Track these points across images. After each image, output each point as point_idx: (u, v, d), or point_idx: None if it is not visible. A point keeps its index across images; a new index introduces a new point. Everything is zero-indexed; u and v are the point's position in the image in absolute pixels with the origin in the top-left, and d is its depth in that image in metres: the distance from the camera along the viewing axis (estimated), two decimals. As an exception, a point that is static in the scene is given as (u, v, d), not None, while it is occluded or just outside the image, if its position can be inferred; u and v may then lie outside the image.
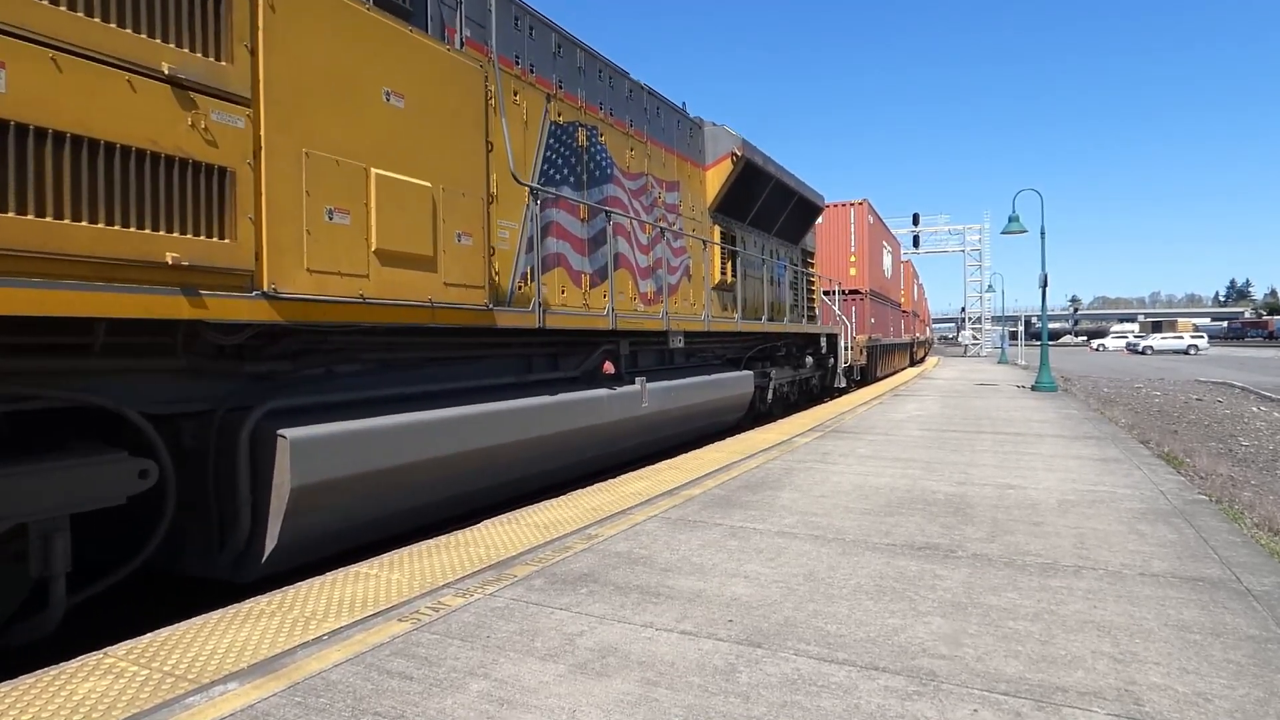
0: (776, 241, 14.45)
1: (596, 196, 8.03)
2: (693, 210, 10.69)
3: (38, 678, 2.73)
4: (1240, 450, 12.08)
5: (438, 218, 5.15)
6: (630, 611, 3.43)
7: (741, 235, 12.48)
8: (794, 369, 14.91)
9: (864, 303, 21.96)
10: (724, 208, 11.58)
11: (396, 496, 5.13)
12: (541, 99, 7.13)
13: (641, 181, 9.17)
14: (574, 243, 7.53)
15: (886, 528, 4.89)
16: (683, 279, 10.09)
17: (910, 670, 2.79)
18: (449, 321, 5.31)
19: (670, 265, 9.70)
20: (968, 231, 56.62)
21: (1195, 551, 4.30)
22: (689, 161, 10.69)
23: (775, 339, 13.81)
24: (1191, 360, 48.23)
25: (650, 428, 8.71)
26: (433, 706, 2.53)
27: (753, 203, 12.47)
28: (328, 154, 4.36)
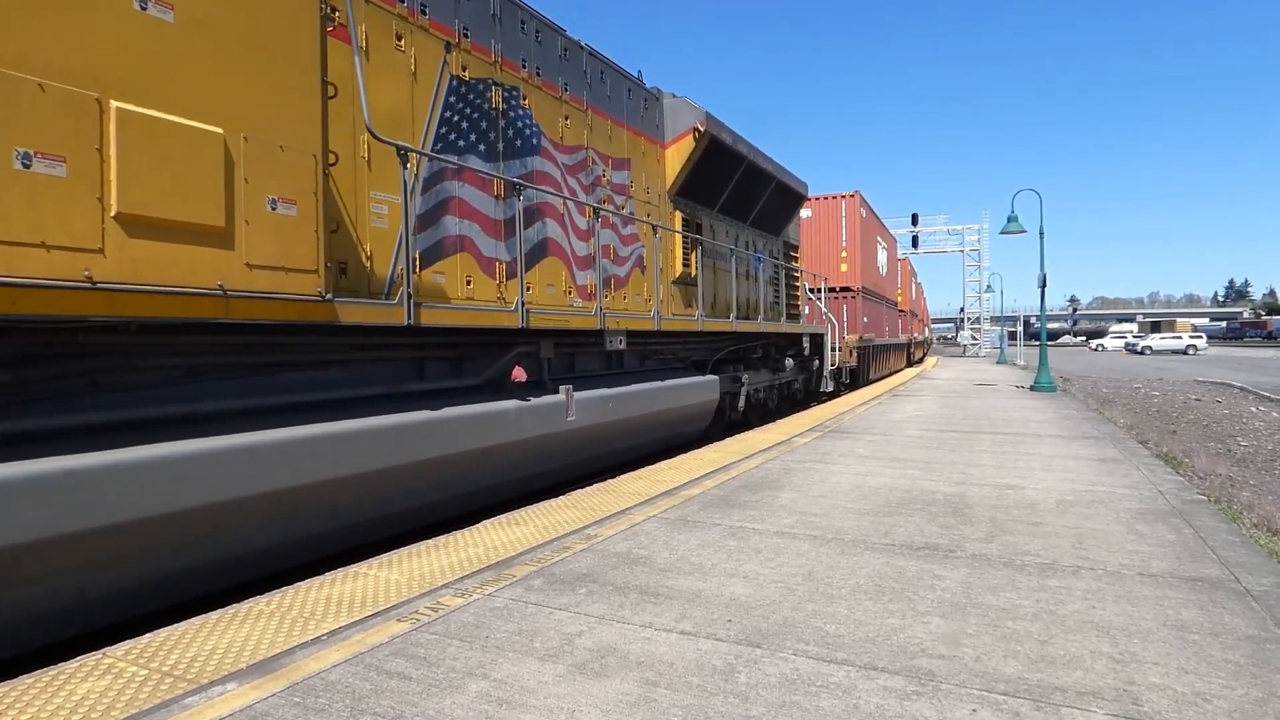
0: (753, 232, 13.23)
1: (518, 170, 6.84)
2: (648, 193, 9.41)
3: (37, 678, 2.73)
4: (1239, 450, 12.08)
5: (235, 176, 3.90)
6: (629, 612, 3.43)
7: (710, 223, 11.29)
8: (772, 372, 13.68)
9: (856, 301, 20.79)
10: (687, 191, 10.32)
11: (152, 556, 3.87)
12: (438, 47, 5.92)
13: (579, 156, 7.95)
14: (484, 224, 6.33)
15: (885, 528, 4.89)
16: (634, 270, 8.88)
17: (909, 670, 2.79)
18: (254, 316, 4.05)
19: (617, 254, 8.55)
20: (966, 232, 56.71)
21: (1194, 551, 4.31)
22: (644, 137, 9.38)
23: (749, 339, 12.48)
24: (1190, 360, 48.27)
25: (581, 444, 7.47)
26: (431, 706, 2.52)
27: (721, 187, 11.25)
28: (19, 73, 3.17)
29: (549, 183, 7.36)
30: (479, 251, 6.31)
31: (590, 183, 8.15)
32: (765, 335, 13.03)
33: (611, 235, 8.46)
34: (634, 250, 8.94)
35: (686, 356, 10.77)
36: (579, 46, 8.06)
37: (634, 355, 9.24)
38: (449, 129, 6.07)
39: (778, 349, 14.11)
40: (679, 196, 10.20)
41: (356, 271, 5.07)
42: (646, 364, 9.63)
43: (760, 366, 13.11)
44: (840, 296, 20.32)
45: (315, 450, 4.59)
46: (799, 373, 15.30)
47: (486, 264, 6.40)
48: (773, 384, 13.81)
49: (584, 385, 7.56)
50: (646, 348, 9.50)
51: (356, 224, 5.11)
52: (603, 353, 8.46)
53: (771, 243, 14.30)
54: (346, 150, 5.02)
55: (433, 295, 5.70)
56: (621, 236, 8.71)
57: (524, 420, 6.49)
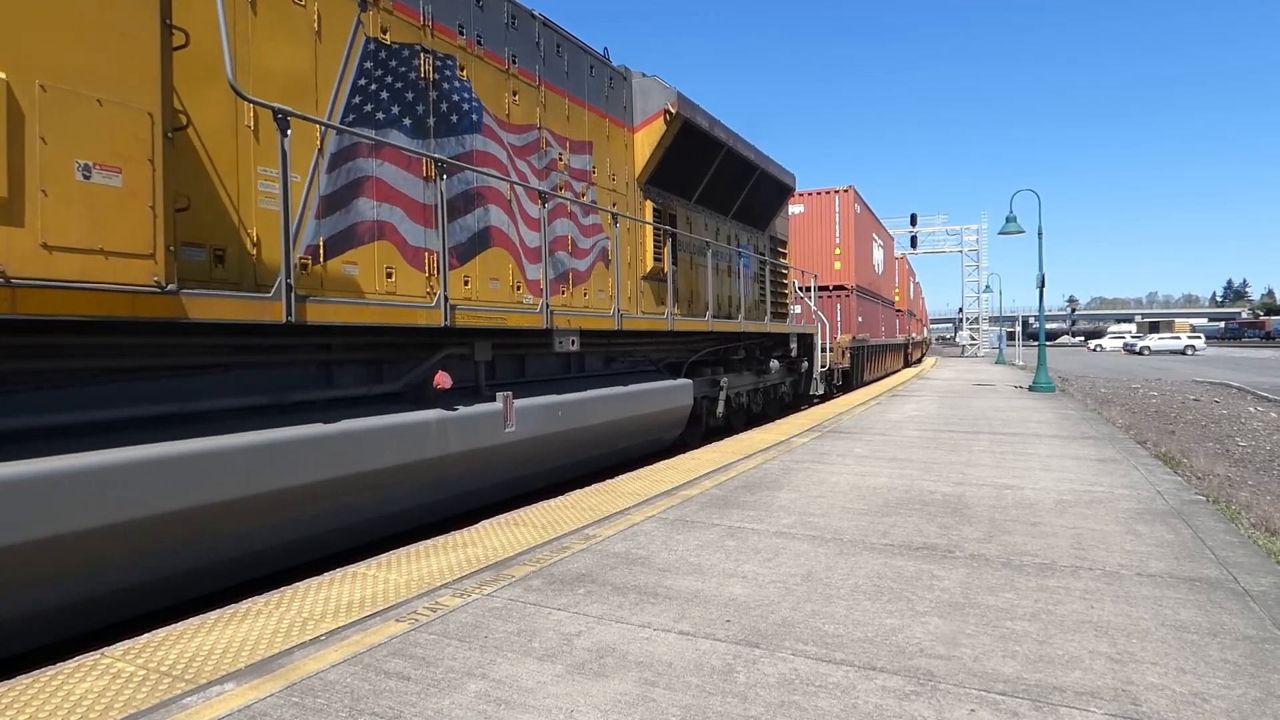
0: (736, 226, 12.46)
1: (453, 150, 6.11)
2: (613, 180, 8.63)
3: (35, 677, 2.73)
4: (1237, 450, 12.10)
5: (26, 133, 3.10)
6: (628, 612, 3.43)
7: (686, 215, 10.50)
8: (756, 375, 12.87)
9: (850, 300, 19.95)
10: (659, 179, 9.54)
11: None
12: (350, 6, 5.25)
13: (531, 137, 7.16)
14: (411, 209, 5.59)
15: (884, 528, 4.89)
16: (596, 264, 8.08)
17: (908, 670, 2.79)
18: (54, 311, 3.21)
19: (577, 247, 7.80)
20: (965, 232, 56.74)
21: (1192, 552, 4.31)
22: (608, 119, 8.58)
23: (730, 340, 11.69)
24: (1188, 360, 48.31)
25: (525, 458, 6.64)
26: (430, 707, 2.52)
27: (698, 176, 10.48)
28: None
29: (493, 165, 6.54)
30: (403, 240, 5.52)
31: (544, 167, 7.34)
32: (747, 335, 12.17)
33: (569, 225, 7.68)
34: (596, 242, 8.14)
35: (660, 359, 9.94)
36: (530, 15, 7.21)
37: (598, 357, 8.55)
38: (365, 99, 5.33)
39: (763, 350, 13.38)
40: (650, 185, 9.44)
41: (238, 260, 4.34)
42: (613, 367, 8.88)
43: (743, 369, 12.36)
44: (833, 295, 19.72)
45: (111, 482, 3.53)
46: (786, 375, 14.58)
47: (413, 254, 5.60)
48: (757, 387, 13.06)
49: (532, 391, 6.82)
50: (612, 349, 8.75)
51: (239, 203, 4.36)
52: (561, 356, 7.81)
53: (757, 237, 13.59)
54: (223, 116, 4.28)
55: (342, 288, 4.97)
56: (582, 227, 7.91)
57: (448, 433, 5.61)
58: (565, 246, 7.63)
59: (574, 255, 7.79)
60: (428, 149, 5.79)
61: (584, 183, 8.08)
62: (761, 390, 13.31)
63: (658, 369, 9.63)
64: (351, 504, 4.95)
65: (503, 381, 6.89)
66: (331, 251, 4.97)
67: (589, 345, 7.87)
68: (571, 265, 7.74)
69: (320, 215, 4.88)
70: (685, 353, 10.57)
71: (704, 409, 10.69)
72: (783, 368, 14.15)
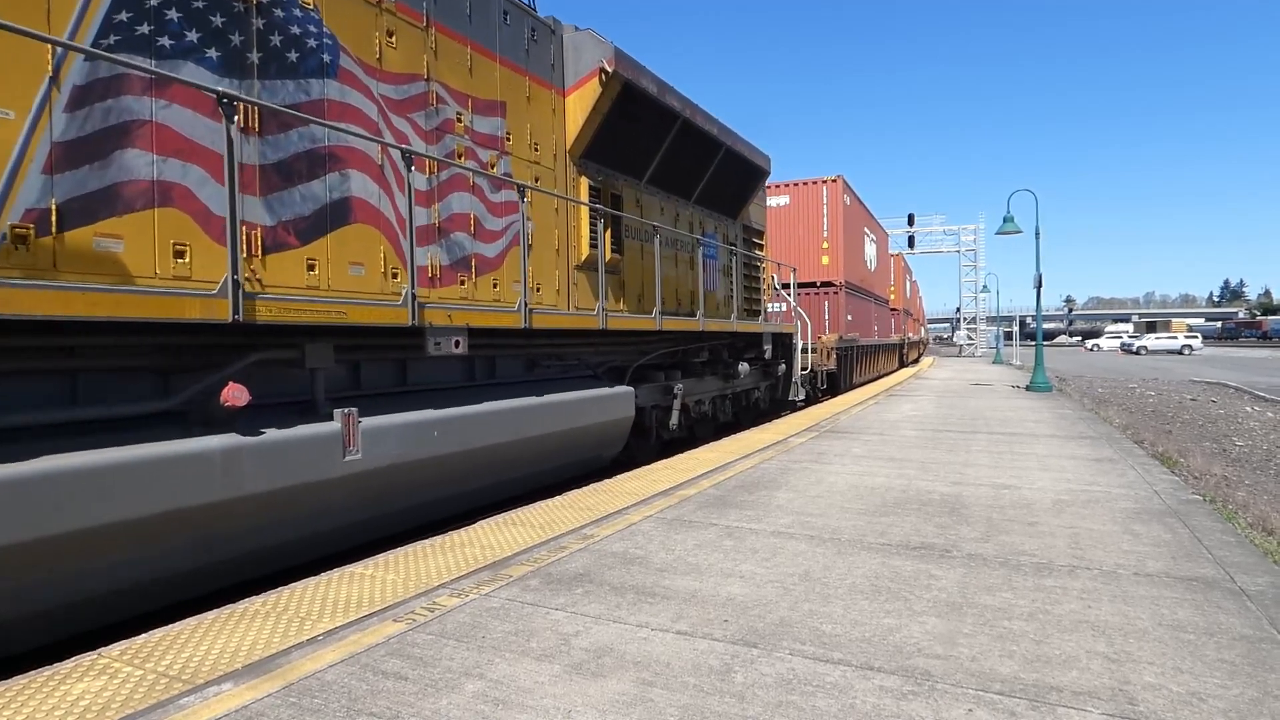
0: (701, 213, 11.08)
1: (290, 96, 4.77)
2: (536, 151, 7.28)
3: (32, 678, 2.72)
4: (1234, 450, 12.12)
5: None
6: (626, 612, 3.43)
7: (637, 197, 9.15)
8: (722, 380, 11.51)
9: (838, 297, 18.76)
10: (598, 153, 8.16)
11: None
12: None
13: (415, 90, 5.82)
14: (211, 165, 4.22)
15: (882, 528, 4.90)
16: (509, 249, 6.69)
17: (905, 670, 2.79)
18: None
19: (482, 227, 6.43)
20: (963, 232, 56.83)
21: (1190, 551, 4.32)
22: (530, 78, 7.23)
23: (690, 340, 10.37)
24: (1186, 360, 48.40)
25: (379, 495, 5.21)
26: (428, 707, 2.52)
27: (649, 151, 9.07)
28: None
29: (355, 120, 5.23)
30: (205, 209, 4.21)
31: (435, 128, 6.00)
32: (711, 335, 10.83)
33: (472, 202, 6.32)
34: (512, 224, 6.72)
35: (601, 362, 8.57)
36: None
37: (516, 361, 7.35)
38: (137, 15, 3.95)
39: (733, 352, 12.07)
40: (587, 160, 8.07)
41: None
42: (537, 372, 7.61)
43: (706, 373, 11.05)
44: (820, 292, 18.68)
45: None
46: (761, 379, 13.34)
47: (215, 226, 4.22)
48: (724, 393, 11.73)
49: (407, 405, 5.51)
50: (534, 351, 7.52)
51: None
52: (462, 361, 6.56)
53: (727, 226, 12.20)
54: None
55: (92, 268, 3.70)
56: (491, 205, 6.53)
57: (242, 466, 4.19)
58: (465, 227, 6.22)
59: (479, 238, 6.37)
60: (250, 92, 4.46)
61: (493, 151, 6.67)
62: (730, 397, 12.06)
63: (596, 375, 8.31)
64: (64, 577, 3.54)
65: (369, 393, 5.58)
66: (75, 219, 3.66)
67: (503, 347, 6.95)
68: (475, 250, 6.33)
69: (54, 169, 3.58)
70: (634, 355, 9.16)
71: (654, 420, 9.35)
72: (757, 371, 12.98)
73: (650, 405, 9.15)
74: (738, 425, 12.09)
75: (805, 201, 19.04)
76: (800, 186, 19.14)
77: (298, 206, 4.80)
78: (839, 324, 18.67)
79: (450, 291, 6.04)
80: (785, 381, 14.16)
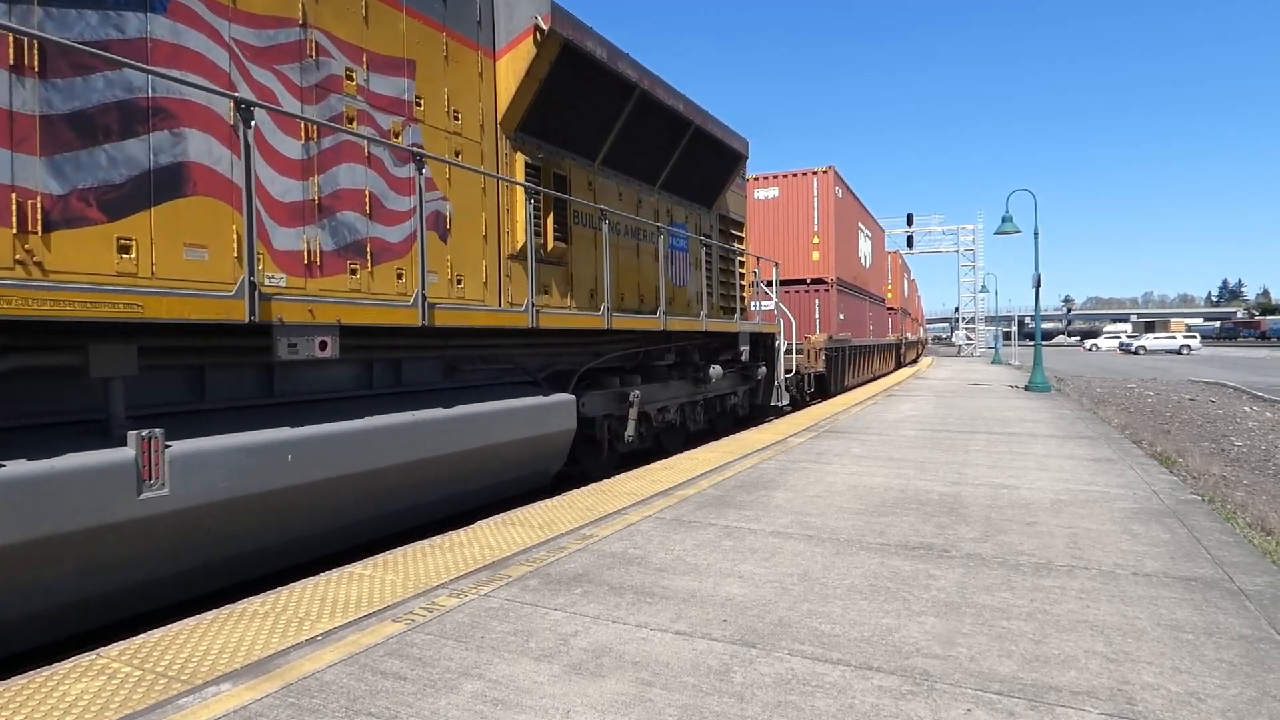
0: (668, 200, 9.95)
1: (98, 31, 3.78)
2: (457, 120, 6.18)
3: (30, 678, 2.72)
4: (1233, 450, 12.13)
5: None
6: (625, 612, 3.42)
7: (589, 179, 8.09)
8: (693, 384, 10.36)
9: (829, 294, 17.79)
10: (538, 126, 7.05)
11: None
12: None
13: (286, 37, 4.81)
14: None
15: (880, 527, 4.90)
16: (421, 234, 5.41)
17: (904, 670, 2.80)
18: None
19: (382, 206, 5.38)
20: (961, 232, 56.93)
21: (1188, 551, 4.32)
22: (450, 34, 6.15)
23: (653, 341, 9.21)
24: (1184, 360, 48.45)
25: (202, 539, 4.09)
26: (426, 707, 2.52)
27: (602, 126, 7.98)
28: None
29: (194, 67, 4.23)
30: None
31: (314, 84, 4.98)
32: (680, 335, 9.74)
33: (368, 176, 5.29)
34: (414, 204, 5.53)
35: (542, 366, 7.45)
36: None
37: (430, 366, 6.17)
38: None
39: (706, 353, 11.01)
40: (524, 134, 6.95)
41: None
42: (457, 378, 6.40)
43: (674, 377, 9.88)
44: (810, 290, 17.80)
45: None
46: (739, 383, 12.25)
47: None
48: (694, 399, 10.52)
49: (254, 423, 4.40)
50: (453, 353, 6.36)
51: None
52: (356, 367, 5.51)
53: (700, 216, 11.13)
54: None
55: None
56: (394, 180, 5.51)
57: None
58: (358, 205, 5.20)
59: (377, 219, 5.35)
60: (27, 22, 3.49)
61: (398, 117, 5.61)
62: (702, 403, 10.91)
63: (536, 381, 7.20)
64: None
65: (216, 408, 4.49)
66: None
67: (413, 349, 5.92)
68: (372, 234, 5.30)
69: None
70: (585, 357, 8.07)
71: (607, 430, 8.25)
72: (734, 374, 11.94)
73: (602, 414, 8.11)
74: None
75: (794, 194, 18.06)
76: (789, 178, 18.20)
77: (103, 171, 3.77)
78: (830, 323, 17.80)
79: (335, 282, 4.99)
80: (765, 385, 13.09)
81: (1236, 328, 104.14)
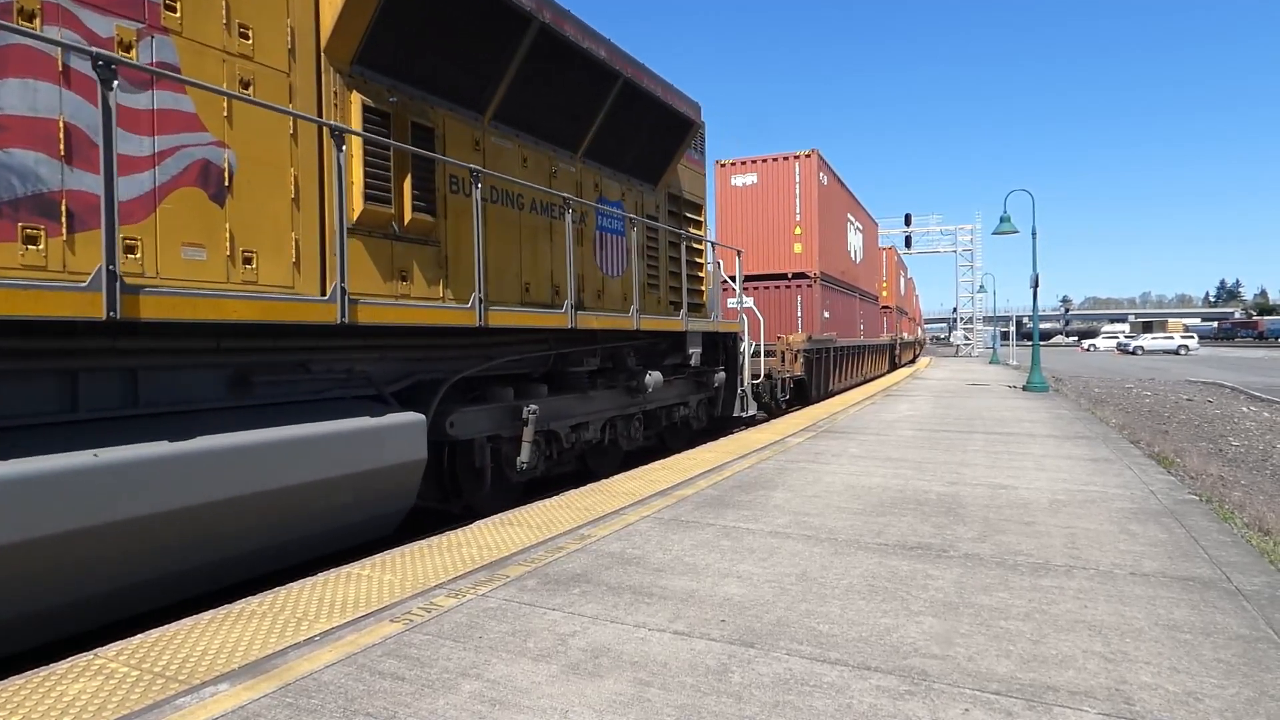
0: (597, 171, 8.19)
1: None
2: (246, 38, 4.54)
3: (27, 679, 2.72)
4: (1230, 450, 12.15)
5: None
6: (623, 612, 3.42)
7: (477, 137, 6.33)
8: (625, 395, 8.50)
9: (812, 290, 16.22)
10: (384, 60, 5.37)
11: None
12: None
13: None
14: None
15: (879, 527, 4.90)
16: (173, 191, 4.10)
17: (902, 670, 2.80)
18: None
19: (92, 147, 3.69)
20: (959, 232, 57.01)
21: (1186, 551, 4.33)
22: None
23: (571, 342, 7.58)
24: (1182, 360, 48.51)
25: None
26: (425, 707, 2.52)
27: (489, 70, 6.25)
28: None
29: None
30: None
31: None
32: (611, 336, 8.21)
33: (63, 98, 3.65)
34: (180, 148, 4.15)
35: (397, 374, 5.71)
36: None
37: (204, 377, 4.50)
38: None
39: (649, 356, 9.23)
40: (365, 68, 5.27)
41: None
42: (260, 393, 4.73)
43: (600, 386, 8.13)
44: (792, 285, 16.30)
45: None
46: (692, 391, 10.43)
47: None
48: (629, 413, 8.68)
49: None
50: (240, 359, 4.65)
51: None
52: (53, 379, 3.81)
53: (642, 194, 9.22)
54: None
55: None
56: (128, 112, 3.89)
57: None
58: (44, 143, 3.58)
59: (76, 164, 3.69)
60: None
61: (129, 21, 3.96)
62: (639, 417, 8.97)
63: (381, 395, 5.41)
64: None
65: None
66: None
67: (181, 353, 4.33)
68: (68, 184, 3.66)
69: None
70: (467, 362, 6.32)
71: (487, 456, 6.35)
72: (685, 381, 10.18)
73: (485, 435, 6.34)
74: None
75: (774, 180, 16.56)
76: (768, 163, 16.72)
77: None
78: (813, 322, 16.32)
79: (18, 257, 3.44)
80: (729, 393, 11.29)
81: (1234, 328, 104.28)
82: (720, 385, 11.11)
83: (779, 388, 14.37)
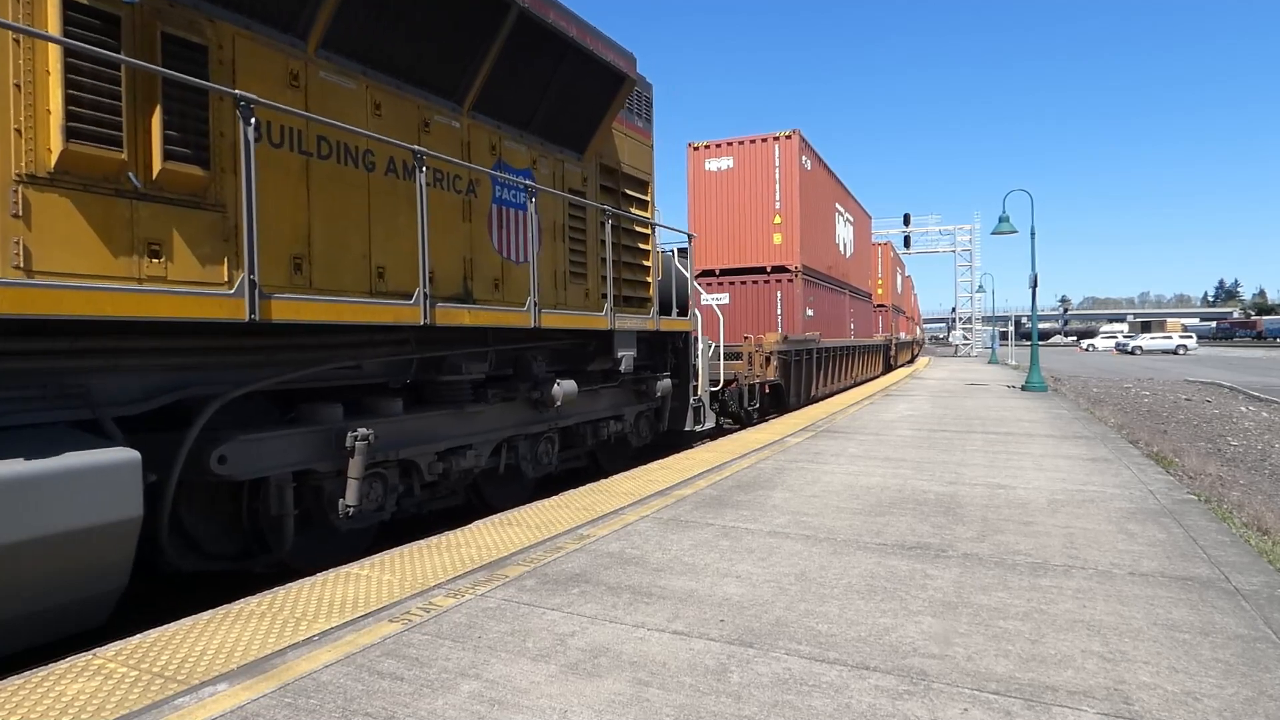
0: (495, 130, 6.37)
1: None
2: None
3: (26, 678, 2.71)
4: (1229, 450, 12.16)
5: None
6: (622, 612, 3.42)
7: (297, 70, 4.61)
8: (530, 409, 6.86)
9: (794, 285, 14.67)
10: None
11: None
12: None
13: None
14: None
15: (877, 527, 4.90)
16: None
17: (901, 670, 2.80)
18: None
19: None
20: (958, 232, 57.03)
21: (1184, 551, 4.33)
22: None
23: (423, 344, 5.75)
24: (1180, 360, 48.55)
25: None
26: (423, 707, 2.52)
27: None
28: None
29: None
30: None
31: None
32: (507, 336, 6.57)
33: None
34: None
35: (150, 391, 4.05)
36: None
37: None
38: None
39: (574, 360, 7.69)
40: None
41: None
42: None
43: (495, 399, 6.37)
44: (771, 280, 14.79)
45: None
46: (628, 402, 8.71)
47: None
48: (537, 433, 7.12)
49: None
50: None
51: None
52: None
53: (562, 164, 7.39)
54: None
55: None
56: None
57: None
58: None
59: None
60: None
61: None
62: (553, 436, 7.43)
63: (97, 418, 3.75)
64: None
65: None
66: None
67: None
68: None
69: None
70: (273, 369, 4.68)
71: (289, 500, 4.68)
72: (620, 391, 8.50)
73: (291, 472, 4.70)
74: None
75: (752, 164, 14.97)
76: (745, 145, 15.12)
77: None
78: (794, 320, 14.78)
79: None
80: (680, 403, 9.54)
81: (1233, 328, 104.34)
82: (666, 395, 9.28)
83: (746, 395, 12.71)
